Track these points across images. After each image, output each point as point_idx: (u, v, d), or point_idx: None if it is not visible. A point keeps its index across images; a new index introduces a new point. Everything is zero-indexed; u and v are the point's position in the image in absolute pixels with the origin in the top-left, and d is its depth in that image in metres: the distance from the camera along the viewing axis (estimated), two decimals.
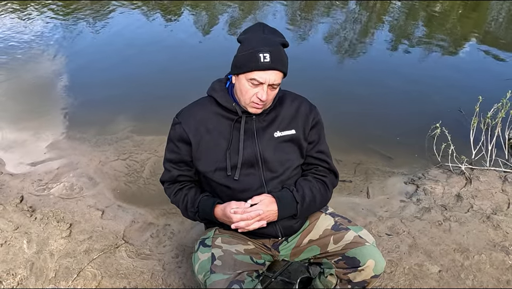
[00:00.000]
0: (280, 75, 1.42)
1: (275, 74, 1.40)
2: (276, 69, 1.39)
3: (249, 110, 1.47)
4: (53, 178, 2.76)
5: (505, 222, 2.39)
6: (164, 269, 2.08)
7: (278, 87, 1.46)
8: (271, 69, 1.38)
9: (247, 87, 1.41)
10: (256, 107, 1.45)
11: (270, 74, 1.38)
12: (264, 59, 1.36)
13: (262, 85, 1.40)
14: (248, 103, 1.44)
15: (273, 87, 1.43)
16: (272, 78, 1.39)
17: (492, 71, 4.69)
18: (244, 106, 1.47)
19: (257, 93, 1.41)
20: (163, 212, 2.50)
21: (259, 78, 1.38)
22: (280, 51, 1.41)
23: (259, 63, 1.36)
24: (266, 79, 1.39)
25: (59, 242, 2.19)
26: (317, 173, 1.58)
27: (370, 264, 1.38)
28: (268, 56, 1.36)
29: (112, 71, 4.40)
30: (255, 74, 1.38)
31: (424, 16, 6.61)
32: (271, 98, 1.47)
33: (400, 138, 3.31)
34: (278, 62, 1.39)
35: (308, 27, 5.97)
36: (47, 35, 5.23)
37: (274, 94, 1.47)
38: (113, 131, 3.30)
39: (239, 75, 1.43)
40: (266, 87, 1.40)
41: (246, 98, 1.44)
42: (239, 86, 1.44)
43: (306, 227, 1.57)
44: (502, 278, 2.04)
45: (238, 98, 1.48)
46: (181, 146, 1.53)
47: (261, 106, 1.45)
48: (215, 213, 1.49)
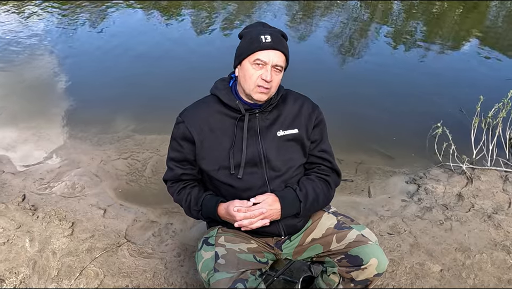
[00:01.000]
0: (283, 57, 1.45)
1: (277, 54, 1.43)
2: (278, 49, 1.43)
3: (254, 97, 1.46)
4: (55, 177, 2.76)
5: (506, 221, 2.40)
6: (166, 268, 2.08)
7: (281, 72, 1.48)
8: (273, 48, 1.42)
9: (251, 71, 1.43)
10: (262, 91, 1.44)
11: (272, 54, 1.42)
12: (265, 40, 1.41)
13: (266, 65, 1.42)
14: (253, 88, 1.44)
15: (276, 69, 1.44)
16: (275, 59, 1.43)
17: (493, 71, 4.70)
18: (248, 93, 1.46)
19: (262, 74, 1.42)
20: (165, 211, 2.50)
21: (263, 58, 1.41)
22: (280, 37, 1.46)
23: (261, 43, 1.41)
24: (269, 58, 1.42)
25: (61, 241, 2.20)
26: (319, 172, 1.59)
27: (373, 263, 1.38)
28: (269, 37, 1.42)
29: (113, 71, 4.40)
30: (258, 54, 1.42)
31: (424, 16, 6.61)
32: (276, 84, 1.47)
33: (401, 137, 3.32)
34: (279, 43, 1.44)
35: (308, 28, 5.97)
36: (47, 35, 5.23)
37: (278, 79, 1.47)
38: (114, 130, 3.31)
39: (242, 63, 1.46)
40: (270, 68, 1.42)
41: (251, 83, 1.44)
42: (243, 73, 1.46)
43: (309, 226, 1.58)
44: (503, 277, 2.05)
45: (243, 88, 1.48)
46: (185, 145, 1.53)
47: (266, 90, 1.44)
48: (218, 211, 1.49)
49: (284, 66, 1.47)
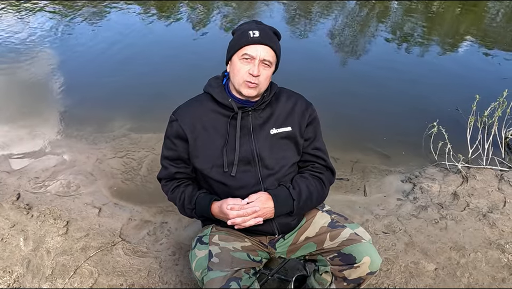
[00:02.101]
0: (271, 53, 1.45)
1: (266, 49, 1.43)
2: (266, 44, 1.43)
3: (243, 92, 1.45)
4: (50, 175, 2.75)
5: (501, 220, 2.40)
6: (160, 267, 2.08)
7: (270, 67, 1.47)
8: (260, 43, 1.42)
9: (239, 65, 1.44)
10: (250, 86, 1.44)
11: (260, 48, 1.42)
12: (253, 35, 1.42)
13: (254, 60, 1.42)
14: (241, 82, 1.44)
15: (265, 64, 1.44)
16: (263, 53, 1.43)
17: (489, 70, 4.70)
18: (238, 89, 1.46)
19: (249, 69, 1.43)
20: (160, 210, 2.50)
21: (250, 52, 1.42)
22: (270, 33, 1.47)
23: (249, 38, 1.42)
24: (257, 53, 1.42)
25: (56, 239, 2.19)
26: (313, 170, 1.58)
27: (366, 261, 1.38)
28: (258, 32, 1.43)
29: (109, 70, 4.39)
30: (246, 49, 1.42)
31: (422, 16, 6.61)
32: (264, 80, 1.46)
33: (397, 136, 3.32)
34: (267, 38, 1.44)
35: (306, 27, 5.97)
36: (43, 35, 5.21)
37: (266, 74, 1.46)
38: (110, 129, 3.30)
39: (232, 58, 1.47)
40: (258, 63, 1.42)
41: (239, 78, 1.44)
42: (233, 69, 1.46)
43: (303, 224, 1.58)
44: (498, 276, 2.05)
45: (233, 84, 1.48)
46: (178, 143, 1.53)
47: (254, 86, 1.44)
48: (212, 209, 1.49)
49: (272, 61, 1.47)
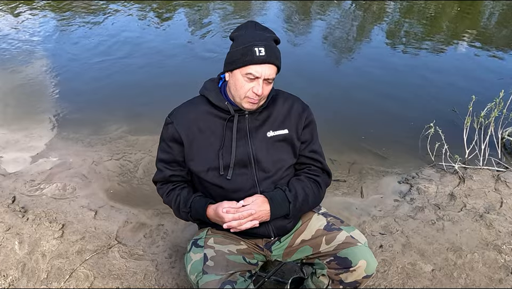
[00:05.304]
0: (275, 69, 1.43)
1: (270, 68, 1.41)
2: (271, 63, 1.40)
3: (244, 106, 1.45)
4: (46, 178, 2.74)
5: (498, 220, 2.40)
6: (157, 269, 2.07)
7: (272, 82, 1.46)
8: (266, 62, 1.39)
9: (242, 82, 1.41)
10: (252, 102, 1.44)
11: (265, 68, 1.39)
12: (259, 53, 1.37)
13: (258, 79, 1.40)
14: (243, 98, 1.44)
15: (268, 81, 1.43)
16: (268, 72, 1.40)
17: (485, 70, 4.71)
18: (238, 102, 1.46)
19: (253, 88, 1.41)
20: (156, 212, 2.49)
21: (255, 72, 1.39)
22: (274, 46, 1.43)
23: (254, 56, 1.37)
24: (262, 73, 1.39)
25: (51, 243, 2.18)
26: (309, 172, 1.58)
27: (362, 265, 1.38)
28: (263, 50, 1.38)
29: (106, 72, 4.37)
30: (251, 68, 1.39)
31: (418, 16, 6.62)
32: (266, 94, 1.47)
33: (394, 137, 3.32)
34: (273, 55, 1.40)
35: (303, 28, 5.97)
36: (39, 37, 5.20)
37: (269, 89, 1.47)
38: (106, 132, 3.29)
39: (233, 71, 1.43)
40: (262, 82, 1.41)
41: (241, 94, 1.43)
42: (234, 82, 1.44)
43: (299, 227, 1.57)
44: (494, 277, 2.05)
45: (232, 95, 1.47)
46: (173, 146, 1.52)
47: (256, 101, 1.44)
48: (207, 213, 1.48)
49: (275, 76, 1.45)
